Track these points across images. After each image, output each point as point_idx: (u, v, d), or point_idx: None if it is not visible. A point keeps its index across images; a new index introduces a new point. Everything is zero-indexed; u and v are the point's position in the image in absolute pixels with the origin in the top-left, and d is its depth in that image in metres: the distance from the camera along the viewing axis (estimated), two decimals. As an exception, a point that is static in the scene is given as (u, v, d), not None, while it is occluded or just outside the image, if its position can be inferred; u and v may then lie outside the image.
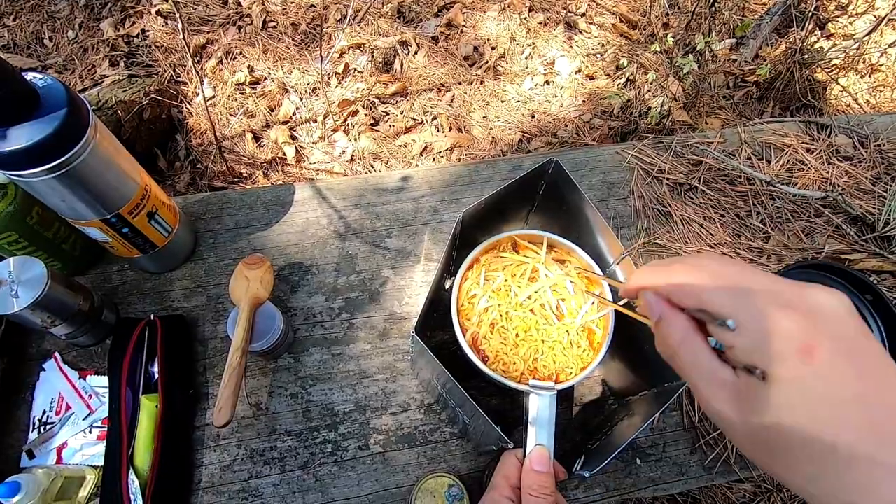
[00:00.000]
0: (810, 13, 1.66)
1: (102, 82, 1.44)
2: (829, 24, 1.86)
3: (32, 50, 1.71)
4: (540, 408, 0.47)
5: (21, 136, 0.43)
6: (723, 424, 0.27)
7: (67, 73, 1.63)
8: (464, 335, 0.51)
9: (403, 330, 0.66)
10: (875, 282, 0.66)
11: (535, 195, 0.60)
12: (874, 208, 0.77)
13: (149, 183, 0.58)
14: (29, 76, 0.45)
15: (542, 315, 0.54)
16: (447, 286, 0.65)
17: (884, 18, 1.64)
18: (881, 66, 1.78)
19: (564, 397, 0.63)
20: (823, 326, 0.24)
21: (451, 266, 0.60)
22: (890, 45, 1.71)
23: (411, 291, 0.68)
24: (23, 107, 0.43)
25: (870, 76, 1.78)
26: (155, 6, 1.72)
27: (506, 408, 0.62)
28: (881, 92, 1.75)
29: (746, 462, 0.61)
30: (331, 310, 0.66)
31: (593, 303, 0.54)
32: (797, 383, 0.24)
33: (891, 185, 0.79)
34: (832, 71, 1.72)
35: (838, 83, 1.70)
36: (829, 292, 0.25)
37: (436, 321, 0.64)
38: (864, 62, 1.76)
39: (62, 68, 1.64)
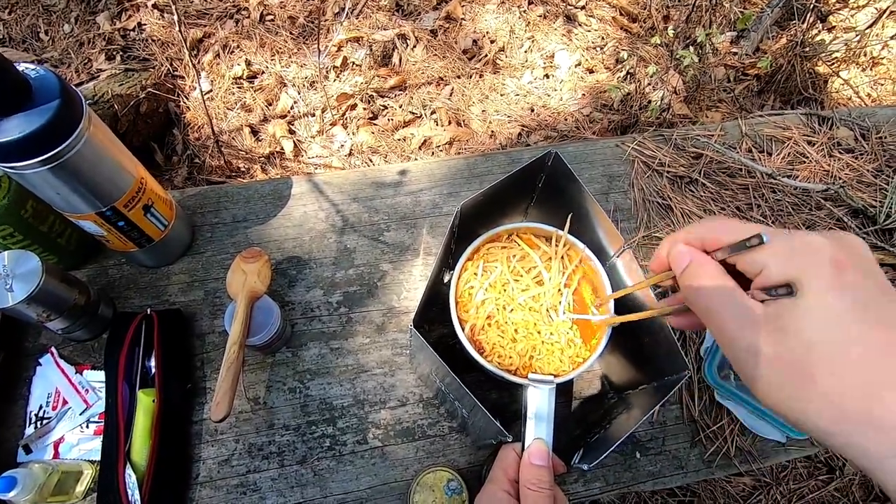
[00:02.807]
0: (811, 6, 1.65)
1: (99, 76, 1.43)
2: (831, 17, 1.85)
3: (28, 44, 1.69)
4: (539, 401, 0.47)
5: (13, 128, 0.42)
6: (751, 361, 0.27)
7: (63, 67, 1.62)
8: (462, 328, 0.51)
9: (402, 324, 0.65)
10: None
11: (535, 188, 0.60)
12: (876, 201, 0.77)
13: (144, 176, 0.57)
14: (21, 67, 0.44)
15: (540, 316, 0.53)
16: (445, 280, 0.64)
17: (885, 11, 1.63)
18: (882, 59, 1.77)
19: (563, 391, 0.62)
20: (850, 250, 0.25)
21: (449, 259, 0.60)
22: (891, 38, 1.70)
23: (410, 285, 0.68)
24: (15, 98, 0.43)
25: (871, 69, 1.77)
26: (151, -1, 1.71)
27: (504, 402, 0.62)
28: (882, 85, 1.74)
29: (745, 456, 0.61)
30: (329, 304, 0.66)
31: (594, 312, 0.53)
32: (831, 294, 0.24)
33: (892, 178, 0.79)
34: (833, 64, 1.71)
35: (839, 76, 1.69)
36: (849, 233, 0.27)
37: (434, 315, 0.64)
38: (865, 55, 1.75)
39: (58, 62, 1.63)
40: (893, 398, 0.23)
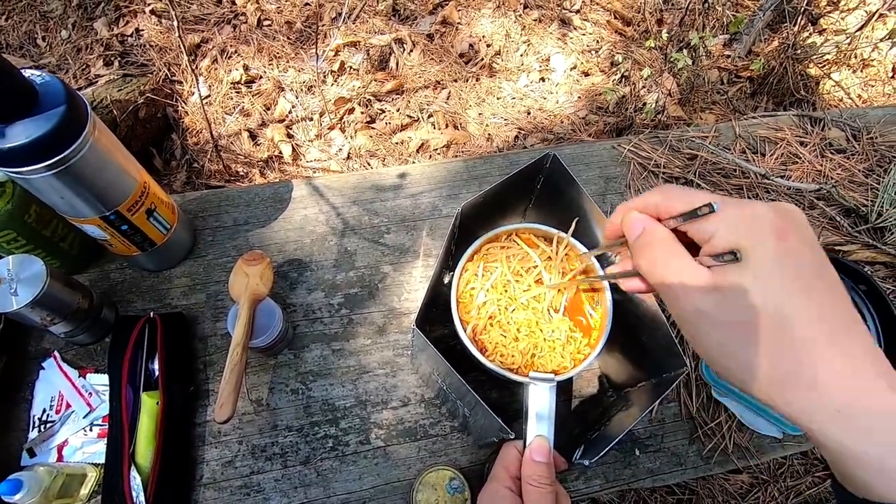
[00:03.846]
0: (802, 9, 1.67)
1: (97, 82, 1.44)
2: (821, 20, 1.87)
3: (25, 50, 1.70)
4: (540, 399, 0.48)
5: (19, 133, 0.43)
6: (698, 323, 0.28)
7: (61, 72, 1.62)
8: (464, 328, 0.52)
9: (403, 325, 0.66)
10: (869, 272, 0.67)
11: (533, 189, 0.60)
12: (867, 200, 0.78)
13: (147, 180, 0.58)
14: (27, 73, 0.45)
15: (540, 314, 0.54)
16: (446, 281, 0.65)
17: (875, 14, 1.65)
18: (872, 60, 1.79)
19: (563, 390, 0.63)
20: (792, 220, 0.27)
21: (449, 261, 0.61)
22: (881, 40, 1.72)
23: (410, 287, 0.69)
24: (21, 104, 0.43)
25: (861, 71, 1.79)
26: (149, 5, 1.72)
27: (506, 401, 0.62)
28: (873, 86, 1.76)
29: (743, 452, 0.62)
30: (330, 306, 0.67)
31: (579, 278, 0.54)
32: (773, 259, 0.26)
33: (883, 178, 0.80)
34: (825, 66, 1.73)
35: (831, 78, 1.71)
36: (790, 203, 0.28)
37: (435, 316, 0.64)
38: (855, 57, 1.77)
39: (56, 68, 1.63)
40: (826, 360, 0.25)
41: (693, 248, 0.30)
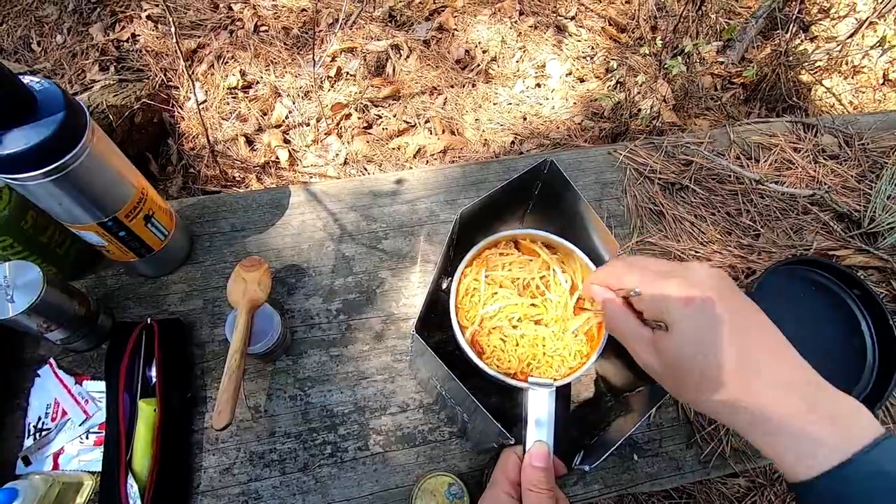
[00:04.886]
0: (794, 16, 1.70)
1: (92, 87, 1.43)
2: (813, 27, 1.90)
3: (20, 55, 1.69)
4: (539, 404, 0.48)
5: (18, 140, 0.43)
6: (651, 372, 0.39)
7: (56, 78, 1.62)
8: (462, 333, 0.52)
9: (401, 330, 0.66)
10: (862, 277, 0.68)
11: (531, 195, 0.61)
12: (860, 205, 0.79)
13: (145, 186, 0.58)
14: (26, 79, 0.45)
15: (547, 331, 0.54)
16: (444, 286, 0.65)
17: (865, 21, 1.68)
18: (863, 67, 1.82)
19: (561, 394, 0.63)
20: (698, 285, 0.36)
21: (448, 267, 0.61)
22: (871, 48, 1.75)
23: (408, 292, 0.69)
24: (20, 110, 0.43)
25: (852, 77, 1.82)
26: (145, 11, 1.72)
27: (505, 406, 0.62)
28: (864, 93, 1.79)
29: (740, 456, 0.62)
30: (328, 311, 0.67)
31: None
32: (683, 324, 0.36)
33: (875, 183, 0.81)
34: (816, 72, 1.75)
35: (822, 84, 1.74)
36: (706, 265, 0.38)
37: (433, 322, 0.64)
38: (846, 64, 1.80)
39: (51, 73, 1.63)
40: (733, 380, 0.34)
41: None
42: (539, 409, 0.48)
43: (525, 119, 1.63)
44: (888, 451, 0.30)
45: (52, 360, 0.60)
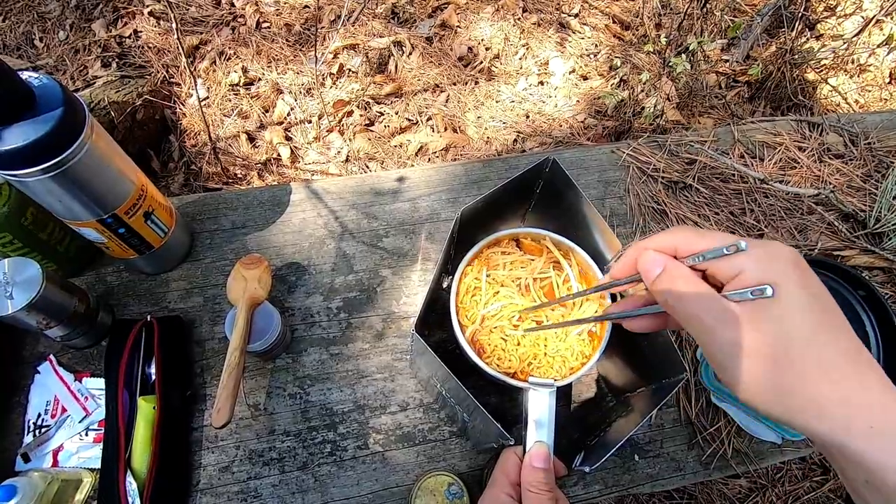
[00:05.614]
0: (800, 14, 1.68)
1: (94, 83, 1.43)
2: (819, 25, 1.88)
3: (22, 51, 1.69)
4: (539, 404, 0.48)
5: (17, 136, 0.43)
6: (733, 355, 0.29)
7: (58, 74, 1.62)
8: (463, 333, 0.51)
9: (401, 329, 0.66)
10: (867, 278, 0.67)
11: (533, 193, 0.60)
12: (865, 205, 0.78)
13: (145, 183, 0.57)
14: (25, 75, 0.44)
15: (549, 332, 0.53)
16: (444, 285, 0.65)
17: (872, 19, 1.66)
18: (869, 66, 1.80)
19: (562, 394, 0.63)
20: (800, 259, 0.29)
21: (448, 265, 0.61)
22: (878, 46, 1.73)
23: (409, 291, 0.68)
24: (18, 106, 0.43)
25: (858, 76, 1.80)
26: (147, 7, 1.71)
27: (505, 406, 0.62)
28: (870, 91, 1.77)
29: (742, 457, 0.62)
30: (328, 310, 0.66)
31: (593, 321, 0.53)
32: (800, 294, 0.28)
33: (881, 183, 0.80)
34: (822, 71, 1.74)
35: (828, 83, 1.72)
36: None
37: (434, 320, 0.64)
38: (852, 62, 1.78)
39: (53, 69, 1.63)
40: (853, 384, 0.27)
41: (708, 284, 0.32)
42: (539, 410, 0.47)
43: (528, 117, 1.62)
44: None
45: (51, 357, 0.60)
